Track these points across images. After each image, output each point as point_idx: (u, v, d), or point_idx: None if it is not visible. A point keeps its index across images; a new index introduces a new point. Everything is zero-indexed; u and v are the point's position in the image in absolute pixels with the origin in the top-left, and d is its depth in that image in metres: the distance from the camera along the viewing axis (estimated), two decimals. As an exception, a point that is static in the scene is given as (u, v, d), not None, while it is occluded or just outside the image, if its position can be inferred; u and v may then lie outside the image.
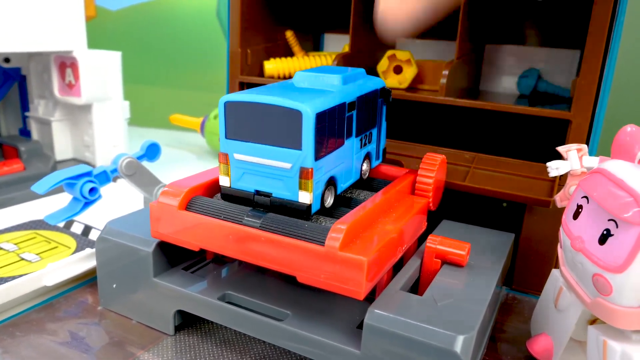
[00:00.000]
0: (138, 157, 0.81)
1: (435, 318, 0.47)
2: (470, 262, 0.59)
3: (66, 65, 1.06)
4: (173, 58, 1.63)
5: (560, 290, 0.53)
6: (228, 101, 0.52)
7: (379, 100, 0.64)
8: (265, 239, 0.50)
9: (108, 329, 0.61)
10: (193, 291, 0.57)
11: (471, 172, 0.72)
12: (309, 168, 0.50)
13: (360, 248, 0.48)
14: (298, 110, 0.49)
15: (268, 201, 0.53)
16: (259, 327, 0.54)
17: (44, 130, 1.15)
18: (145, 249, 0.59)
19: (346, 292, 0.47)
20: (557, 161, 0.57)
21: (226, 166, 0.54)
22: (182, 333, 0.60)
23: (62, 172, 0.71)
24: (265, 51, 0.91)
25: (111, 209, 0.84)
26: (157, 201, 0.57)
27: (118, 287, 0.63)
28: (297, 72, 0.59)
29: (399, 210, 0.58)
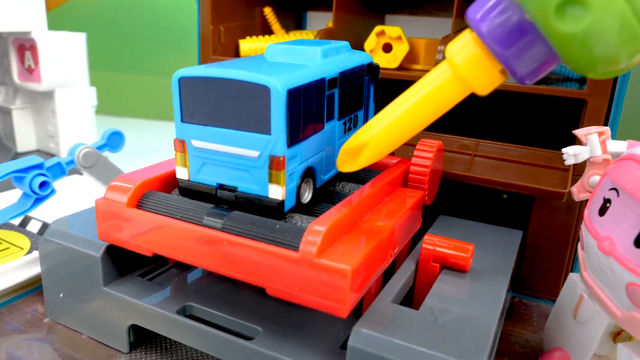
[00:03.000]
0: (98, 147, 0.76)
1: (435, 339, 0.41)
2: (474, 265, 0.54)
3: (25, 48, 1.02)
4: (145, 42, 1.60)
5: (581, 299, 0.48)
6: (183, 77, 0.47)
7: (365, 78, 0.58)
8: (229, 243, 0.45)
9: (54, 345, 0.56)
10: (148, 303, 0.52)
11: (472, 160, 0.67)
12: (280, 156, 0.44)
13: (342, 253, 0.42)
14: (265, 85, 0.43)
15: (233, 196, 0.48)
16: (224, 347, 0.48)
17: (4, 119, 1.12)
18: (93, 254, 0.53)
19: (326, 308, 0.41)
20: (575, 147, 0.52)
21: (183, 155, 0.49)
22: (138, 351, 0.55)
23: (9, 165, 0.66)
24: (240, 29, 0.86)
25: (77, 205, 0.79)
26: (103, 198, 0.51)
27: (65, 297, 0.57)
28: (269, 45, 0.53)
29: (390, 205, 0.53)
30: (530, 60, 0.36)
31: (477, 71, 0.39)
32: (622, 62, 0.33)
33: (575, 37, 0.32)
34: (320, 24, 0.99)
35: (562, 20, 0.32)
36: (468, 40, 0.39)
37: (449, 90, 0.41)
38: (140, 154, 1.08)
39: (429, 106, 0.42)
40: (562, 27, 0.32)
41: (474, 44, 0.38)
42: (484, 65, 0.38)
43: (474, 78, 0.39)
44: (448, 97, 0.41)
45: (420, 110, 0.42)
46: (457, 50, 0.39)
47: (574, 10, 0.31)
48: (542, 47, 0.35)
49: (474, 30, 0.38)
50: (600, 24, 0.31)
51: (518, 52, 0.36)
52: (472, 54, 0.38)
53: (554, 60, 0.36)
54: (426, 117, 0.43)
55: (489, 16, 0.36)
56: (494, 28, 0.36)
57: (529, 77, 0.37)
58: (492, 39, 0.36)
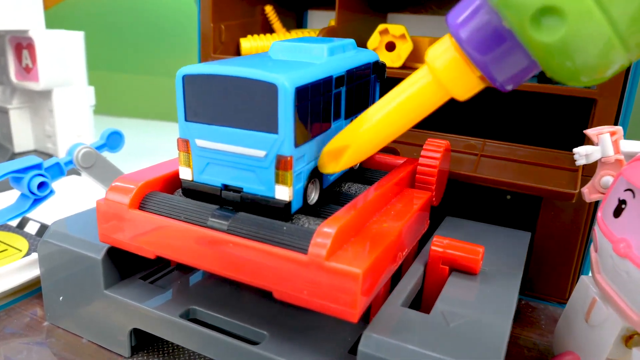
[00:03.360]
0: (97, 147, 0.75)
1: (447, 344, 0.40)
2: (484, 268, 0.53)
3: (22, 46, 1.01)
4: (144, 41, 1.59)
5: (594, 302, 0.47)
6: (187, 74, 0.46)
7: (371, 77, 0.57)
8: (234, 245, 0.44)
9: (54, 349, 0.54)
10: (151, 306, 0.51)
11: (479, 160, 0.66)
12: (287, 156, 0.43)
13: (352, 256, 0.41)
14: (273, 83, 0.42)
15: (238, 197, 0.47)
16: (229, 352, 0.47)
17: (1, 119, 1.11)
18: (94, 256, 0.52)
19: (335, 312, 0.40)
20: (586, 146, 0.52)
21: (187, 155, 0.48)
22: (140, 355, 0.54)
23: (7, 165, 0.65)
24: (241, 27, 0.85)
25: (76, 206, 0.78)
26: (104, 198, 0.50)
27: (65, 300, 0.56)
28: (273, 42, 0.52)
29: (398, 206, 0.52)
30: (509, 67, 0.36)
31: (456, 76, 0.39)
32: (607, 70, 0.32)
33: (552, 47, 0.32)
34: (321, 23, 0.99)
35: (538, 29, 0.32)
36: (447, 45, 0.39)
37: (428, 94, 0.41)
38: (139, 155, 1.07)
39: (409, 110, 0.42)
40: (538, 37, 0.32)
41: (453, 49, 0.38)
42: (462, 71, 0.38)
43: (453, 83, 0.39)
44: (428, 101, 0.41)
45: (401, 113, 0.43)
46: (436, 55, 0.39)
47: (549, 20, 0.31)
48: (520, 54, 0.35)
49: (453, 35, 0.37)
50: (576, 35, 0.31)
51: (496, 58, 0.36)
52: (451, 59, 0.38)
53: (534, 68, 0.36)
54: (407, 121, 0.43)
55: (468, 22, 0.36)
56: (472, 34, 0.36)
57: (507, 83, 0.37)
58: (470, 45, 0.36)
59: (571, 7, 0.30)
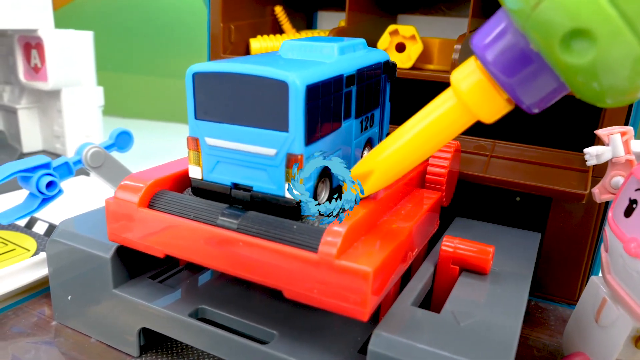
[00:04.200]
0: (106, 146, 0.75)
1: (458, 344, 0.40)
2: (494, 268, 0.53)
3: (31, 46, 1.01)
4: (153, 42, 1.58)
5: (604, 303, 0.46)
6: (197, 72, 0.45)
7: (382, 76, 0.57)
8: (244, 244, 0.43)
9: (62, 348, 0.54)
10: (159, 305, 0.50)
11: (489, 161, 0.66)
12: (298, 155, 0.43)
13: (363, 255, 0.40)
14: (284, 81, 0.41)
15: (248, 196, 0.46)
16: (238, 351, 0.47)
17: (9, 119, 1.10)
18: (103, 255, 0.52)
19: (345, 311, 0.40)
20: (597, 147, 0.51)
21: (196, 154, 0.48)
22: (149, 355, 0.54)
23: (16, 164, 0.65)
24: (251, 28, 0.85)
25: (84, 206, 0.77)
26: (113, 197, 0.50)
27: (74, 299, 0.56)
28: (284, 41, 0.52)
29: (408, 206, 0.52)
30: (536, 89, 0.36)
31: (482, 99, 0.38)
32: (636, 93, 0.32)
33: (582, 69, 0.31)
34: (330, 24, 0.98)
35: (567, 52, 0.31)
36: (473, 67, 0.38)
37: (454, 117, 0.41)
38: (148, 156, 1.07)
39: (435, 134, 0.42)
40: (567, 59, 0.31)
41: (479, 71, 0.38)
42: (489, 94, 0.38)
43: (479, 106, 0.39)
44: (454, 124, 0.41)
45: (426, 137, 0.42)
46: (461, 77, 0.39)
47: (579, 43, 0.30)
48: (548, 76, 0.35)
49: (479, 58, 0.37)
50: (607, 57, 0.30)
51: (523, 81, 0.36)
52: (477, 81, 0.38)
53: (562, 90, 0.36)
54: (433, 145, 0.43)
55: (494, 45, 0.36)
56: (498, 56, 0.36)
57: (536, 106, 0.37)
58: (497, 68, 0.36)
59: (602, 29, 0.29)
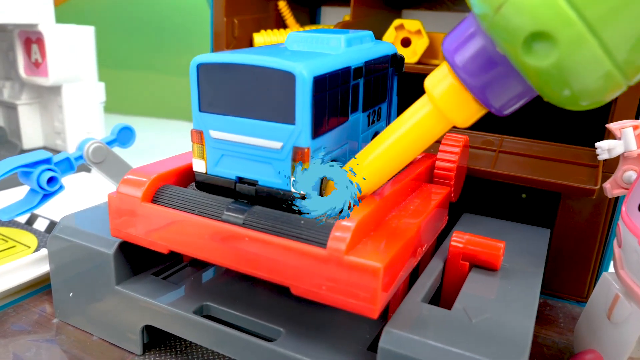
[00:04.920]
0: (108, 142, 0.74)
1: (471, 341, 0.39)
2: (504, 264, 0.52)
3: (32, 41, 1.00)
4: (155, 39, 1.58)
5: (616, 299, 0.46)
6: (202, 63, 0.45)
7: (389, 70, 0.56)
8: (250, 240, 0.43)
9: (63, 346, 0.54)
10: (163, 302, 0.50)
11: (497, 157, 0.66)
12: (304, 148, 0.42)
13: (372, 251, 0.40)
14: (290, 72, 0.41)
15: (253, 190, 0.46)
16: (244, 349, 0.46)
17: (10, 115, 1.10)
18: (105, 251, 0.52)
19: (355, 308, 0.39)
20: (609, 141, 0.50)
21: (201, 147, 0.47)
22: (152, 353, 0.53)
23: (16, 159, 0.64)
24: (254, 22, 0.84)
25: (85, 202, 0.76)
26: (116, 192, 0.49)
27: (75, 296, 0.55)
28: (289, 33, 0.51)
29: (416, 201, 0.51)
30: (505, 92, 0.36)
31: (455, 104, 0.38)
32: (606, 95, 0.32)
33: (545, 72, 0.31)
34: (334, 19, 0.97)
35: (530, 55, 0.31)
36: (445, 72, 0.38)
37: (430, 123, 0.41)
38: (150, 153, 1.06)
39: (412, 141, 0.42)
40: (530, 62, 0.31)
41: (451, 76, 0.38)
42: (461, 98, 0.38)
43: (453, 111, 0.38)
44: (430, 130, 0.41)
45: (404, 145, 0.42)
46: (434, 83, 0.39)
47: (541, 45, 0.31)
48: (515, 80, 0.35)
49: (448, 62, 0.37)
50: (569, 60, 0.30)
51: (491, 84, 0.36)
52: (449, 86, 0.38)
53: (530, 93, 0.36)
54: (410, 152, 0.43)
55: (463, 48, 0.36)
56: (467, 60, 0.36)
57: (504, 108, 0.37)
58: (466, 71, 0.36)
59: (562, 33, 0.29)
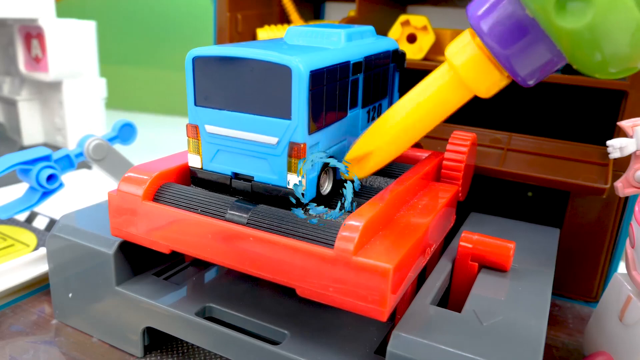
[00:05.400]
0: (109, 139, 0.74)
1: (482, 344, 0.39)
2: (514, 265, 0.51)
3: (32, 36, 1.00)
4: (158, 34, 1.57)
5: (629, 300, 0.46)
6: (198, 56, 0.45)
7: (390, 66, 0.56)
8: (255, 239, 0.42)
9: (62, 348, 0.53)
10: (165, 304, 0.49)
11: (505, 155, 0.65)
12: (300, 144, 0.42)
13: (381, 251, 0.39)
14: (286, 65, 0.41)
15: (249, 186, 0.46)
16: (248, 352, 0.45)
17: (9, 111, 1.10)
18: (105, 251, 0.51)
19: (363, 310, 0.39)
20: (620, 139, 0.49)
21: (196, 142, 0.47)
22: (153, 355, 0.53)
23: (15, 156, 0.64)
24: (258, 18, 0.84)
25: (86, 200, 0.76)
26: (116, 190, 0.48)
27: (75, 297, 0.55)
28: (289, 27, 0.50)
29: (424, 200, 0.50)
30: (532, 60, 0.35)
31: (477, 73, 0.38)
32: (637, 60, 0.31)
33: (578, 34, 0.30)
34: (338, 15, 0.97)
35: (563, 15, 0.30)
36: (468, 40, 0.38)
37: (449, 92, 0.40)
38: (151, 150, 1.05)
39: (430, 110, 0.41)
40: (563, 23, 0.30)
41: (474, 44, 0.37)
42: (485, 67, 0.37)
43: (475, 80, 0.38)
44: (449, 100, 0.40)
45: (422, 114, 0.42)
46: (456, 51, 0.38)
47: (575, 4, 0.30)
48: (545, 45, 0.34)
49: (474, 28, 0.36)
50: (605, 20, 0.29)
51: (520, 51, 0.35)
52: (472, 54, 0.37)
53: (559, 60, 0.35)
54: (429, 122, 0.42)
55: (490, 14, 0.35)
56: (494, 26, 0.35)
57: (530, 77, 0.36)
58: (493, 38, 0.35)
59: None
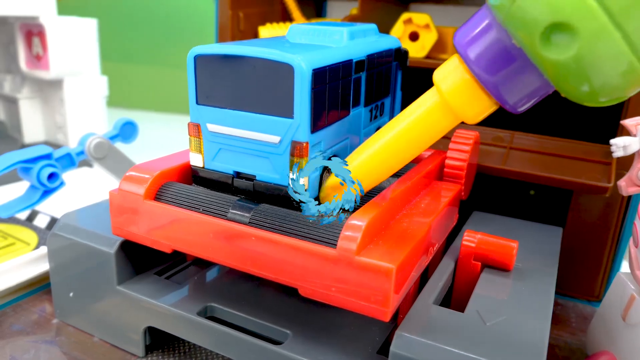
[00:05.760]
0: (110, 137, 0.74)
1: (486, 345, 0.38)
2: (517, 264, 0.51)
3: (33, 34, 0.99)
4: (159, 32, 1.57)
5: (632, 300, 0.46)
6: (199, 54, 0.44)
7: (393, 64, 0.55)
8: (257, 239, 0.42)
9: (63, 348, 0.53)
10: (166, 303, 0.49)
11: (508, 153, 0.64)
12: (302, 142, 0.42)
13: (384, 251, 0.39)
14: (289, 64, 0.40)
15: (250, 185, 0.45)
16: (249, 352, 0.45)
17: (10, 109, 1.10)
18: (106, 250, 0.50)
19: (366, 310, 0.38)
20: (624, 138, 0.48)
21: (198, 140, 0.47)
22: (155, 355, 0.52)
23: (16, 154, 0.64)
24: (260, 16, 0.83)
25: (87, 199, 0.77)
26: (118, 189, 0.48)
27: (76, 296, 0.54)
28: (291, 25, 0.50)
29: (427, 199, 0.50)
30: (520, 88, 0.35)
31: (465, 99, 0.37)
32: (628, 90, 0.31)
33: (564, 66, 0.30)
34: (340, 13, 0.96)
35: (548, 47, 0.30)
36: (455, 65, 0.37)
37: (436, 118, 0.39)
38: (153, 149, 1.05)
39: (416, 136, 0.41)
40: (549, 55, 0.30)
41: (462, 69, 0.37)
42: (472, 93, 0.37)
43: (462, 106, 0.37)
44: (436, 125, 0.40)
45: (407, 139, 0.41)
46: (444, 76, 0.38)
47: (560, 37, 0.30)
48: (532, 74, 0.34)
49: (461, 55, 0.36)
50: (590, 53, 0.29)
51: (507, 79, 0.35)
52: (460, 80, 0.37)
53: (546, 88, 0.35)
54: (414, 147, 0.41)
55: (477, 41, 0.35)
56: (481, 53, 0.35)
57: (520, 104, 0.36)
58: (479, 65, 0.35)
59: (583, 24, 0.28)
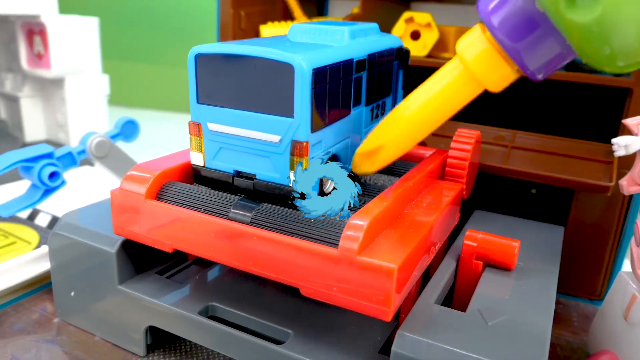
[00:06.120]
0: (112, 136, 0.74)
1: (488, 345, 0.38)
2: (519, 263, 0.51)
3: (34, 32, 0.99)
4: (161, 30, 1.57)
5: (634, 299, 0.46)
6: (200, 54, 0.44)
7: (394, 63, 0.55)
8: (258, 238, 0.42)
9: (64, 347, 0.53)
10: (167, 302, 0.49)
11: (509, 152, 0.64)
12: (303, 142, 0.42)
13: (386, 250, 0.38)
14: (289, 63, 0.40)
15: (251, 185, 0.45)
16: (251, 351, 0.45)
17: (11, 107, 1.09)
18: (108, 249, 0.50)
19: (367, 310, 0.38)
20: (626, 137, 0.48)
21: (198, 139, 0.47)
22: (156, 354, 0.52)
23: (17, 153, 0.64)
24: (261, 14, 0.83)
25: (88, 197, 0.77)
26: (119, 188, 0.48)
27: (77, 295, 0.54)
28: (292, 24, 0.50)
29: (428, 199, 0.49)
30: (542, 53, 0.35)
31: (487, 67, 0.38)
32: None
33: (587, 28, 0.30)
34: (342, 12, 0.96)
35: (572, 9, 0.30)
36: (478, 34, 0.38)
37: (460, 87, 0.40)
38: (155, 147, 1.05)
39: (441, 104, 0.41)
40: (573, 17, 0.30)
41: (484, 38, 0.37)
42: (495, 61, 0.37)
43: (485, 74, 0.38)
44: (460, 94, 0.40)
45: (432, 108, 0.41)
46: (467, 45, 0.38)
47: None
48: (554, 39, 0.34)
49: (484, 22, 0.36)
50: (613, 14, 0.29)
51: (529, 45, 0.35)
52: (483, 48, 0.37)
53: (568, 54, 0.35)
54: (439, 116, 0.42)
55: (500, 8, 0.35)
56: (504, 20, 0.35)
57: (539, 71, 0.36)
58: (503, 32, 0.35)
59: None
